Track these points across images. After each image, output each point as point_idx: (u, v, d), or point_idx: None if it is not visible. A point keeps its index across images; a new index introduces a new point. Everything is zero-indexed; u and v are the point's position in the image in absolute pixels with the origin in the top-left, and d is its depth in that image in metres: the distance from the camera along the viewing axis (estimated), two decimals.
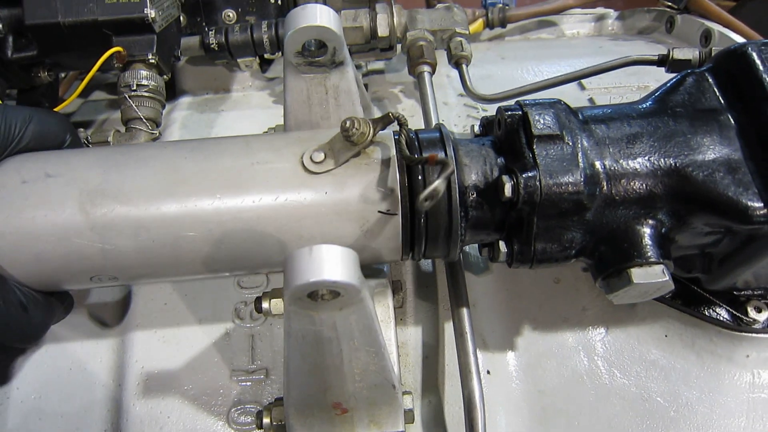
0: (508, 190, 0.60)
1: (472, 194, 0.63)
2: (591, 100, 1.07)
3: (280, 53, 1.04)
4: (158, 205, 0.59)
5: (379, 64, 1.16)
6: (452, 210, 0.61)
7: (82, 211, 0.58)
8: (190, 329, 0.81)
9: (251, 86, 1.11)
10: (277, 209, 0.59)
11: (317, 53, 0.67)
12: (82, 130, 0.83)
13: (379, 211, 0.59)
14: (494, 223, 0.65)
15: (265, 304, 0.73)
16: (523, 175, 0.60)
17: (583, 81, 1.09)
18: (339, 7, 1.11)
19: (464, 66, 0.97)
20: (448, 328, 0.79)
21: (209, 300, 0.83)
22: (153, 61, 0.83)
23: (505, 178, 0.60)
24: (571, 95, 1.07)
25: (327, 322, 0.55)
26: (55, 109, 0.88)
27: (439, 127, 0.67)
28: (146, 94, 0.83)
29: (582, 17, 1.45)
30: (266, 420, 0.71)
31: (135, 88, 0.82)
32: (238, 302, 0.83)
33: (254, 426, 0.76)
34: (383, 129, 0.58)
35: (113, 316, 0.84)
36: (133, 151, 0.62)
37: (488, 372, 0.77)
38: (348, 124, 0.56)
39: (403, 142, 0.58)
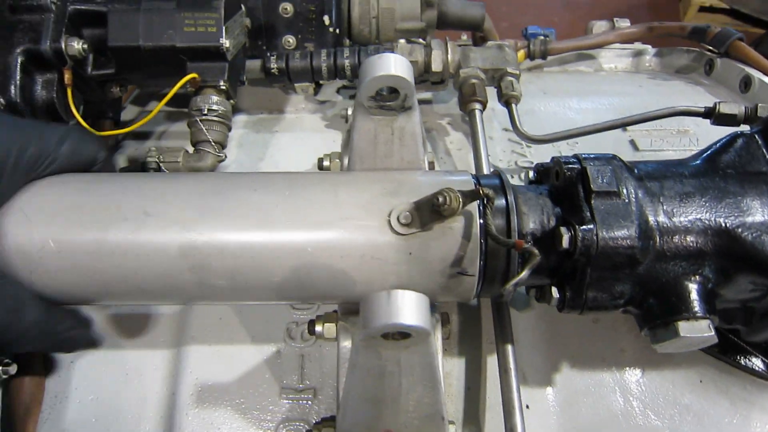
0: (565, 242, 0.63)
1: (530, 241, 0.67)
2: (632, 142, 1.10)
3: (336, 78, 1.08)
4: (251, 248, 0.64)
5: (426, 94, 1.20)
6: (512, 256, 0.65)
7: (182, 256, 0.63)
8: (243, 345, 0.85)
9: (304, 108, 1.16)
10: (362, 263, 0.63)
11: (388, 98, 0.70)
12: (154, 149, 0.87)
13: (458, 272, 0.63)
14: (548, 269, 0.68)
15: (318, 328, 0.78)
16: (581, 228, 0.63)
17: None
18: (392, 38, 1.15)
19: (514, 105, 1.00)
20: (491, 362, 0.83)
21: (262, 318, 0.87)
22: (224, 87, 0.87)
23: (563, 229, 0.64)
24: (613, 136, 1.10)
25: (392, 358, 0.59)
26: (130, 129, 0.92)
27: (499, 174, 0.71)
28: (215, 118, 0.87)
29: (620, 52, 1.48)
30: None
31: (206, 112, 0.86)
32: (289, 322, 0.87)
33: None
34: (470, 202, 0.62)
35: (170, 327, 0.88)
36: (222, 191, 0.66)
37: (527, 406, 0.80)
38: (441, 200, 0.59)
39: (490, 220, 0.61)
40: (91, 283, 0.66)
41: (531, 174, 0.78)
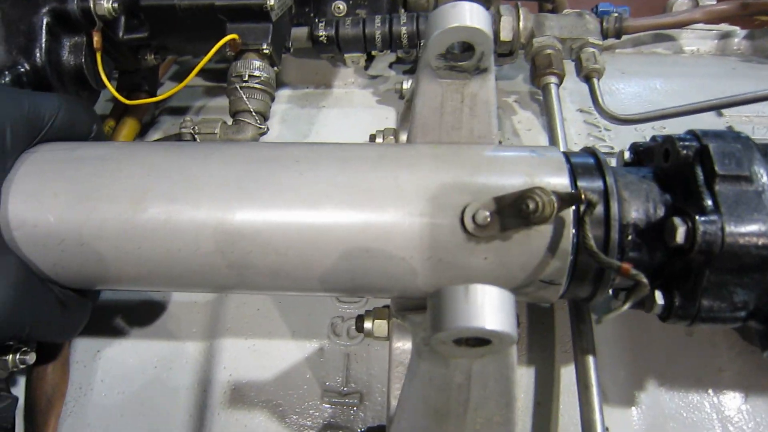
0: (680, 236, 0.51)
1: (631, 234, 0.55)
2: (730, 128, 0.96)
3: (389, 51, 0.97)
4: (296, 233, 0.54)
5: None
6: (609, 250, 0.53)
7: (218, 252, 0.54)
8: (282, 340, 0.76)
9: (354, 83, 1.05)
10: (428, 264, 0.53)
11: (461, 57, 0.59)
12: (189, 119, 0.79)
13: (542, 281, 0.52)
14: (651, 268, 0.56)
15: (367, 324, 0.68)
16: (701, 219, 0.51)
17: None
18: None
19: (595, 80, 0.88)
20: (565, 374, 0.71)
21: (304, 311, 0.77)
22: (267, 51, 0.78)
23: (677, 220, 0.52)
24: (707, 122, 0.96)
25: (462, 367, 0.49)
26: (164, 96, 0.84)
27: (594, 152, 0.59)
28: (257, 85, 0.78)
29: (704, 33, 1.33)
30: None
31: (246, 78, 0.77)
32: (334, 317, 0.77)
33: None
34: (567, 208, 0.50)
35: (203, 317, 0.79)
36: (263, 170, 0.56)
37: (607, 429, 0.68)
38: (532, 207, 0.47)
39: (588, 231, 0.49)
40: (114, 270, 0.58)
41: (627, 155, 0.66)
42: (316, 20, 0.95)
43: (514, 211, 0.49)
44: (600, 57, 0.89)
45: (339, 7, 0.98)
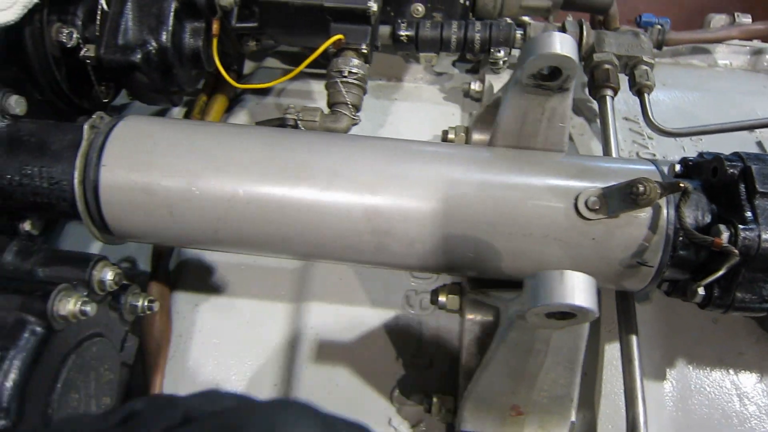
0: (724, 240, 0.62)
1: (682, 235, 0.66)
2: (760, 143, 1.07)
3: (463, 52, 1.07)
4: (432, 218, 0.66)
5: None
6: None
7: (366, 219, 0.66)
8: (362, 307, 0.88)
9: (422, 79, 1.16)
10: (544, 242, 0.65)
11: (548, 78, 0.70)
12: (292, 106, 0.89)
13: (638, 262, 0.64)
14: (696, 264, 0.68)
15: (441, 298, 0.79)
16: (742, 228, 0.62)
17: None
18: (515, 14, 1.13)
19: (646, 95, 0.98)
20: (608, 350, 0.83)
21: (381, 282, 0.89)
22: (365, 51, 0.88)
23: (722, 227, 0.63)
24: (739, 136, 1.07)
25: (544, 336, 0.60)
26: (273, 83, 0.93)
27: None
28: (354, 81, 0.88)
29: (738, 48, 1.42)
30: (435, 406, 0.77)
31: (346, 74, 0.87)
32: (408, 289, 0.88)
33: (414, 406, 0.82)
34: (669, 194, 0.62)
35: (290, 282, 0.91)
36: (407, 159, 0.69)
37: None
38: (641, 189, 0.59)
39: (685, 214, 0.61)
40: (275, 235, 0.70)
41: (677, 168, 0.76)
42: (398, 20, 1.05)
43: (620, 196, 0.62)
44: (652, 74, 0.99)
45: (418, 9, 1.07)
